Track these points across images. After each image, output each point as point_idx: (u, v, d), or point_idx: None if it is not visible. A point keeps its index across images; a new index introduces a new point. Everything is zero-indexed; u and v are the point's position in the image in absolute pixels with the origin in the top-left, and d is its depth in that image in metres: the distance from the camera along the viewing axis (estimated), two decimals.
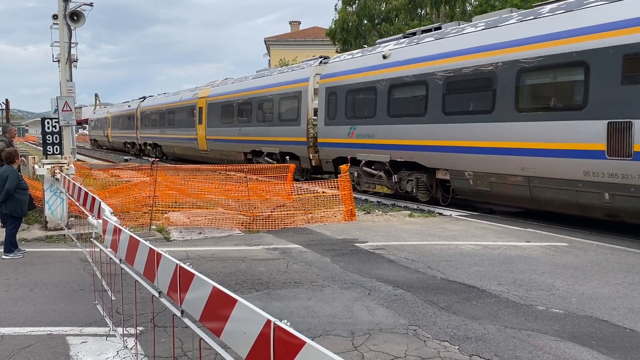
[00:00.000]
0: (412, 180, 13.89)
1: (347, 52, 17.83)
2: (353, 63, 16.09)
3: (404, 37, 15.12)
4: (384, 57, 14.41)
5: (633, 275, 6.92)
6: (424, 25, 29.18)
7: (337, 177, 12.50)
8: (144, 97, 39.27)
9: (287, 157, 18.93)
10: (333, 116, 16.47)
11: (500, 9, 25.93)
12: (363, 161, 15.26)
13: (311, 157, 17.96)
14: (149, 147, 35.31)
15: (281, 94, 19.57)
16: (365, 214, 12.43)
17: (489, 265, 7.50)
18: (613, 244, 8.85)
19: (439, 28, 14.20)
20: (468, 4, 29.37)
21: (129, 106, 41.57)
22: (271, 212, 11.36)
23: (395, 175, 14.30)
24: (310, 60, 19.93)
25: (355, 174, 15.55)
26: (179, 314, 3.14)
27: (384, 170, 14.76)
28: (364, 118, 15.27)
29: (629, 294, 6.17)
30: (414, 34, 14.89)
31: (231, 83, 24.86)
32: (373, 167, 15.13)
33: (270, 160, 19.86)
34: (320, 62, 18.69)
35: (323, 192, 12.52)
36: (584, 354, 4.55)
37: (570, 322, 5.31)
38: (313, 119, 17.83)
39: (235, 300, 2.39)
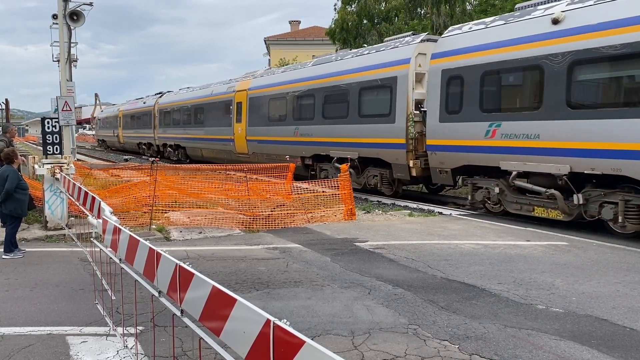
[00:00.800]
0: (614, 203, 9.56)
1: (475, 21, 13.14)
2: (493, 34, 11.60)
3: None
4: (556, 21, 10.19)
5: (633, 274, 6.92)
6: (423, 25, 29.27)
7: (454, 190, 10.66)
8: (161, 93, 35.02)
9: (371, 165, 15.40)
10: (457, 109, 12.26)
11: (500, 8, 25.92)
12: (514, 173, 11.04)
13: (411, 165, 13.80)
14: (169, 148, 31.09)
15: (362, 82, 15.25)
16: (365, 213, 12.43)
17: (489, 264, 7.50)
18: (613, 243, 8.85)
19: None
20: (468, 3, 29.35)
21: (144, 103, 36.74)
22: (271, 211, 11.36)
23: (579, 195, 10.05)
24: (404, 36, 15.41)
25: (497, 190, 11.55)
26: (178, 313, 3.14)
27: (555, 186, 10.49)
28: (518, 111, 11.02)
29: (629, 293, 6.17)
30: None
31: (281, 72, 20.71)
32: (531, 181, 10.96)
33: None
34: (423, 39, 14.31)
35: (323, 192, 12.52)
36: (584, 353, 4.55)
37: (571, 321, 5.31)
38: (414, 114, 13.82)
39: (234, 300, 2.39)
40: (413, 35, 15.11)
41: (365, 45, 23.39)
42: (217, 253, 8.38)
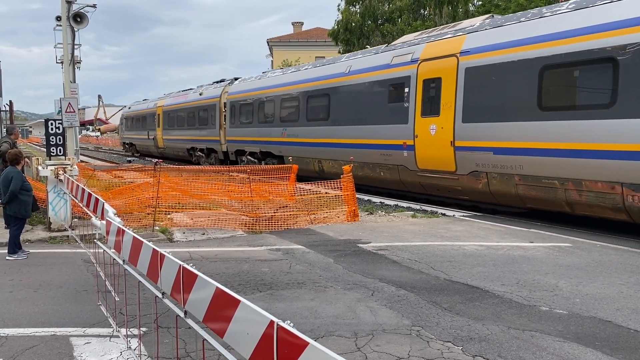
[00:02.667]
0: None
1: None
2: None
3: None
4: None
5: (637, 276, 6.90)
6: (426, 25, 29.24)
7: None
8: (225, 80, 26.37)
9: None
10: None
11: (504, 8, 25.88)
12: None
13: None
14: (249, 157, 22.01)
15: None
16: (368, 214, 12.43)
17: (492, 265, 7.49)
18: (617, 245, 8.82)
19: None
20: (471, 4, 29.34)
21: (200, 94, 27.81)
22: (274, 212, 11.36)
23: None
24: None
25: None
26: (182, 314, 3.15)
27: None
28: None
29: (633, 294, 6.15)
30: None
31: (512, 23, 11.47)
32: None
33: None
34: None
35: (326, 193, 12.52)
36: (588, 354, 4.53)
37: (574, 322, 5.30)
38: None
39: (238, 301, 2.40)
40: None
41: (369, 46, 23.36)
42: (220, 254, 8.39)
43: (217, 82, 27.59)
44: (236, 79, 25.54)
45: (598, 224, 10.43)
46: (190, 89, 31.27)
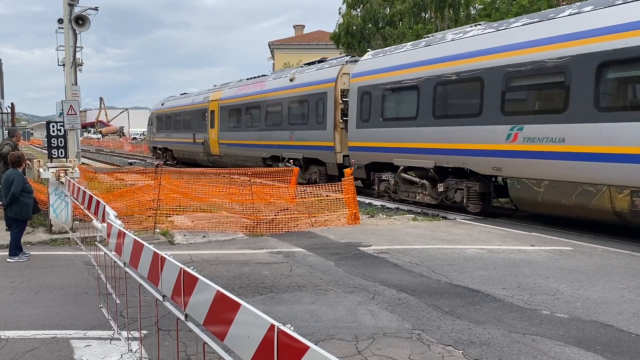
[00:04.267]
0: None
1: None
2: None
3: None
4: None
5: (638, 280, 6.88)
6: (428, 29, 29.27)
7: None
8: (342, 57, 19.28)
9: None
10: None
11: (506, 12, 25.92)
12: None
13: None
14: (405, 174, 14.11)
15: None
16: (369, 217, 12.42)
17: (493, 269, 7.48)
18: (618, 248, 8.81)
19: None
20: (472, 8, 29.38)
21: (291, 80, 19.58)
22: (275, 215, 11.36)
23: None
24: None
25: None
26: (183, 317, 3.14)
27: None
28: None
29: (634, 298, 6.14)
30: None
31: None
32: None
33: None
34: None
35: (327, 196, 12.52)
36: (589, 359, 4.53)
37: (575, 326, 5.29)
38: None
39: (239, 305, 2.40)
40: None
41: (370, 49, 23.38)
42: (221, 257, 8.38)
43: (317, 61, 19.56)
44: (350, 57, 18.26)
45: (600, 228, 10.41)
46: (260, 76, 24.14)
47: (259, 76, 24.33)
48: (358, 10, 33.91)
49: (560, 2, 22.42)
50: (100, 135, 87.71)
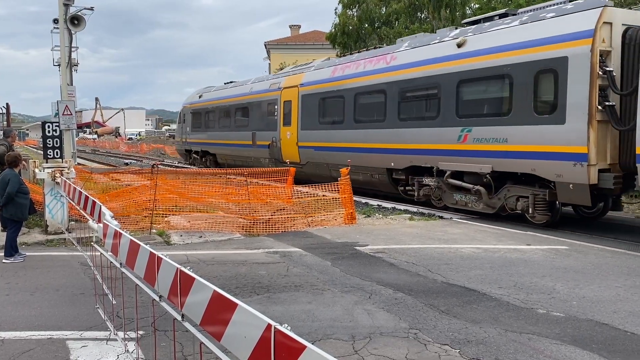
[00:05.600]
0: None
1: None
2: None
3: None
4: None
5: (634, 279, 6.91)
6: (424, 29, 29.29)
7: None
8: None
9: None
10: None
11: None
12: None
13: None
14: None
15: None
16: (365, 217, 12.43)
17: (489, 268, 7.50)
18: (614, 247, 8.85)
19: None
20: (468, 8, 29.42)
21: (458, 46, 12.54)
22: (271, 215, 11.36)
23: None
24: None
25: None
26: (179, 318, 3.14)
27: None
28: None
29: (629, 297, 6.17)
30: None
31: None
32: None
33: None
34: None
35: (323, 196, 12.52)
36: (585, 357, 4.54)
37: (571, 325, 5.31)
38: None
39: (235, 305, 2.40)
40: None
41: (366, 49, 23.37)
42: (218, 257, 8.38)
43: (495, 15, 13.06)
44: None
45: (595, 227, 10.44)
46: (375, 48, 18.06)
47: (373, 48, 17.81)
48: (354, 10, 33.94)
49: None
50: (96, 136, 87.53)
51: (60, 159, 11.00)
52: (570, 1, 11.12)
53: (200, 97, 27.38)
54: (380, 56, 15.43)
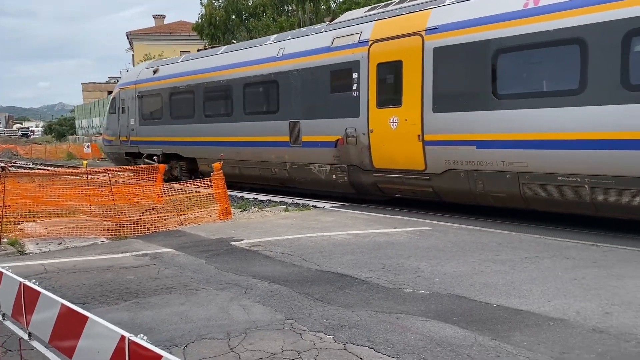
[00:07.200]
0: None
1: None
2: None
3: None
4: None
5: (487, 253, 7.57)
6: (291, 22, 29.58)
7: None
8: None
9: None
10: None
11: (364, 7, 26.98)
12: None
13: None
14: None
15: None
16: (241, 211, 12.30)
17: (360, 253, 7.78)
18: (470, 225, 9.61)
19: None
20: (332, 2, 30.23)
21: None
22: (140, 216, 10.79)
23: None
24: None
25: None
26: (26, 337, 2.83)
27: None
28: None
29: (483, 270, 6.74)
30: None
31: None
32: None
33: None
34: None
35: (197, 192, 12.16)
36: (447, 330, 4.87)
37: (435, 301, 5.67)
38: None
39: (86, 318, 2.20)
40: None
41: (234, 41, 23.06)
42: (80, 264, 7.76)
43: None
44: None
45: (455, 208, 11.29)
46: None
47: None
48: (220, 1, 33.33)
49: None
50: None
51: None
52: None
53: (156, 72, 18.70)
54: None
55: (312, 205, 12.63)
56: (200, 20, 34.00)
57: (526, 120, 9.19)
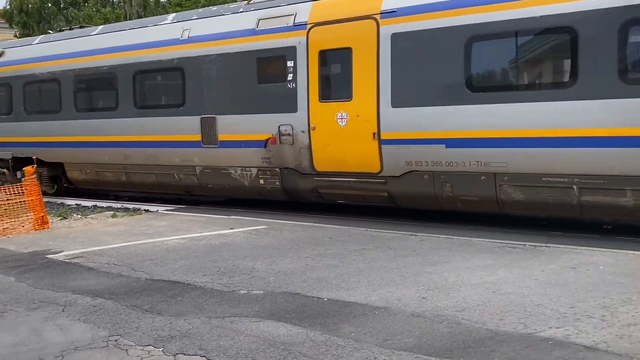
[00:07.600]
0: None
1: None
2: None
3: None
4: None
5: (319, 248, 7.82)
6: (116, 13, 27.73)
7: None
8: None
9: None
10: None
11: (195, 2, 26.33)
12: None
13: None
14: None
15: None
16: (61, 219, 11.17)
17: (194, 257, 7.53)
18: (304, 222, 9.85)
19: None
20: None
21: None
22: None
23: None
24: None
25: None
26: None
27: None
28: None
29: (316, 265, 6.95)
30: None
31: None
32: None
33: None
34: None
35: (7, 200, 10.75)
36: (280, 328, 4.90)
37: (269, 300, 5.68)
38: None
39: None
40: None
41: (51, 31, 20.89)
42: None
43: None
44: None
45: (290, 206, 11.50)
46: None
47: None
48: None
49: None
50: None
51: None
52: None
53: (2, 54, 15.42)
54: None
55: (144, 210, 11.95)
56: (9, 7, 30.32)
57: (507, 116, 8.24)
